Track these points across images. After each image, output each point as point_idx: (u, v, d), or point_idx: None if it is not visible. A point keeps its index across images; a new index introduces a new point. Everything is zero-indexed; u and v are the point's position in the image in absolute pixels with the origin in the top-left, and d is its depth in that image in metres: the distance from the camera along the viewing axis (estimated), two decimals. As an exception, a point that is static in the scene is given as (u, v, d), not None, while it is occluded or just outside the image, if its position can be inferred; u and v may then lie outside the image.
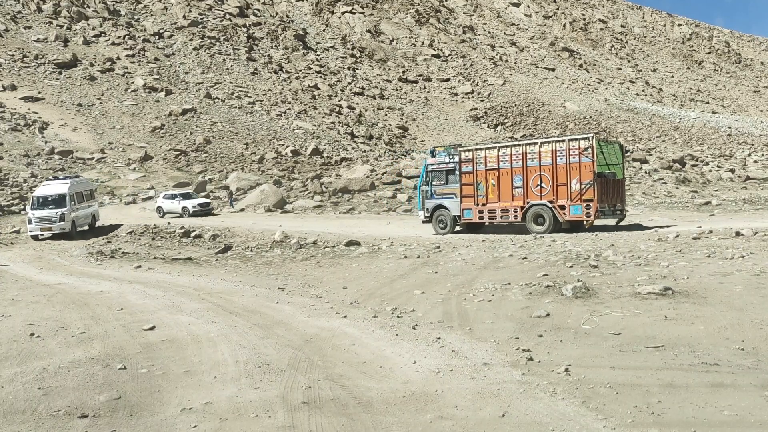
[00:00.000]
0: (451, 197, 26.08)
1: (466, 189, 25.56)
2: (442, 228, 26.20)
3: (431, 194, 26.82)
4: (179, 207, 39.09)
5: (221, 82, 73.03)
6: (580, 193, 22.81)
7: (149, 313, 13.48)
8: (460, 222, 25.98)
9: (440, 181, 26.60)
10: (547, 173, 23.58)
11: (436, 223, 26.53)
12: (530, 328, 10.60)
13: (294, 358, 9.78)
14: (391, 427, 7.03)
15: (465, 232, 25.92)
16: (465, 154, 25.83)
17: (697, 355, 8.55)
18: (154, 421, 7.52)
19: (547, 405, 7.27)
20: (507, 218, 24.71)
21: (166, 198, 40.64)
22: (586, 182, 22.63)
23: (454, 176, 26.09)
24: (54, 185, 33.21)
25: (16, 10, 75.22)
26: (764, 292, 11.37)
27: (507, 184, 24.52)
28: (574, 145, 23.10)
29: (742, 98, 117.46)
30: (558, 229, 23.29)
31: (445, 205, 26.27)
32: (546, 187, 23.58)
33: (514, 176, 24.39)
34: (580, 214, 22.99)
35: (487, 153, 25.27)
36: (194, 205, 39.12)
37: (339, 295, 15.20)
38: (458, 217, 25.89)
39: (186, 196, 40.73)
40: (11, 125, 54.65)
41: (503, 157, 24.67)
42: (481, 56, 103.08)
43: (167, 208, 39.71)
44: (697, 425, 6.48)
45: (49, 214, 31.12)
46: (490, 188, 24.88)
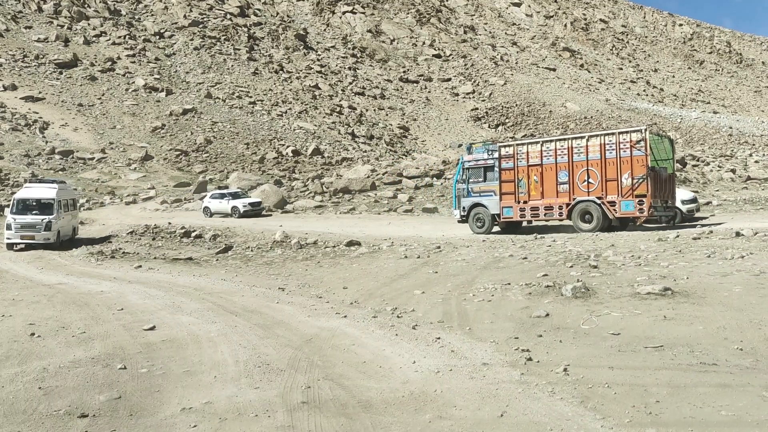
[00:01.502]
0: (490, 195, 25.25)
1: (506, 186, 24.77)
2: (480, 227, 25.38)
3: (468, 192, 25.98)
4: (228, 207, 37.25)
5: (222, 82, 73.06)
6: (632, 188, 21.95)
7: (149, 313, 13.50)
8: (499, 221, 25.20)
9: (478, 179, 25.77)
10: (595, 168, 22.77)
11: (474, 222, 25.70)
12: (530, 328, 10.62)
13: (294, 358, 9.80)
14: (390, 427, 7.04)
15: (505, 231, 25.19)
16: (505, 149, 25.05)
17: (696, 355, 8.57)
18: (153, 421, 7.54)
19: (546, 405, 7.29)
20: (551, 216, 23.96)
21: (214, 198, 38.67)
22: (639, 176, 21.77)
23: (493, 173, 25.28)
24: (40, 188, 29.24)
25: (16, 10, 75.27)
26: (763, 292, 11.38)
27: (551, 180, 23.74)
28: (624, 138, 22.25)
29: (744, 98, 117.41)
30: (607, 227, 22.51)
31: (483, 204, 25.43)
32: (594, 183, 22.79)
33: (558, 172, 23.61)
34: (632, 210, 22.14)
35: (529, 148, 24.41)
36: (245, 205, 37.10)
37: (339, 295, 15.22)
38: (497, 215, 25.07)
39: (235, 195, 38.69)
40: (12, 125, 54.70)
41: (547, 152, 23.87)
42: (482, 56, 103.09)
43: (215, 208, 37.87)
44: (695, 425, 6.50)
45: (33, 220, 27.28)
46: (532, 185, 24.13)
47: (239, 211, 36.68)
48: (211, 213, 37.79)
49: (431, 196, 39.76)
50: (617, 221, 22.73)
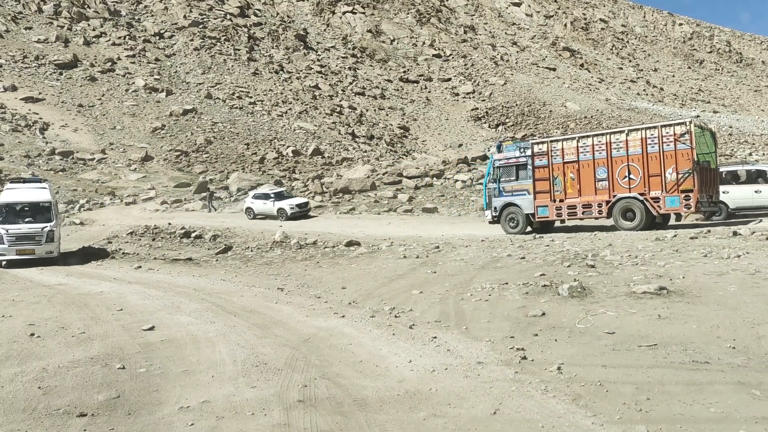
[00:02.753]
0: (523, 194, 24.64)
1: (541, 184, 24.13)
2: (513, 227, 24.79)
3: (499, 192, 25.31)
4: (274, 208, 35.42)
5: (222, 83, 73.15)
6: (677, 183, 21.29)
7: (149, 314, 13.58)
8: (534, 220, 24.57)
9: (510, 178, 25.12)
10: (637, 163, 22.06)
11: (506, 223, 25.07)
12: (525, 328, 10.69)
13: (291, 358, 9.88)
14: (385, 425, 7.13)
15: (539, 230, 24.59)
16: (538, 147, 24.36)
17: (689, 353, 8.64)
18: (151, 420, 7.62)
19: (538, 403, 7.37)
20: (589, 214, 23.26)
21: (257, 198, 36.76)
22: (685, 171, 21.10)
23: (526, 171, 24.63)
24: (30, 190, 24.77)
25: (16, 11, 75.39)
26: (758, 291, 11.44)
27: (589, 177, 23.10)
28: (668, 132, 21.55)
29: (744, 98, 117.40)
30: (651, 224, 21.89)
31: (516, 203, 24.82)
32: (635, 179, 22.07)
33: (596, 168, 22.93)
34: (677, 206, 21.49)
35: (564, 145, 23.75)
36: (292, 206, 35.37)
37: (338, 295, 15.30)
38: (531, 215, 24.46)
39: (280, 195, 36.70)
40: (12, 126, 54.82)
41: (583, 148, 23.21)
42: (482, 56, 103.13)
43: (259, 209, 36.06)
44: (684, 422, 6.58)
45: (31, 230, 22.88)
46: (568, 182, 23.46)
47: (286, 213, 35.04)
48: (255, 215, 36.10)
49: (431, 196, 39.85)
50: (661, 218, 22.21)
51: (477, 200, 37.03)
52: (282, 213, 34.97)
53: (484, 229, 26.80)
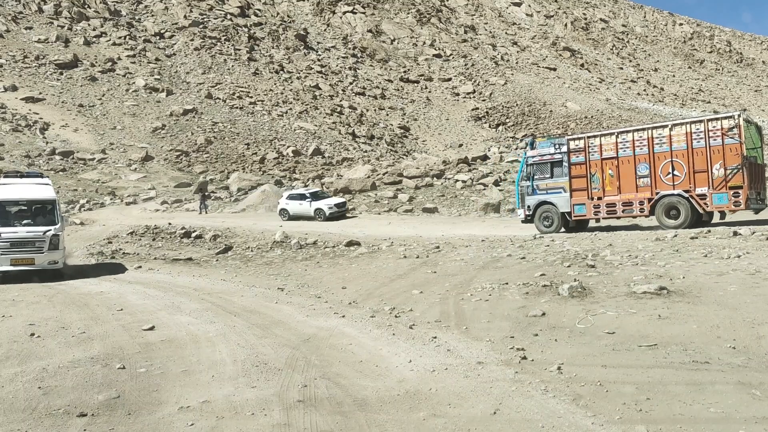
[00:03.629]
0: (559, 192, 23.87)
1: (578, 182, 23.37)
2: (548, 226, 24.01)
3: (533, 190, 24.57)
4: (311, 209, 34.04)
5: (222, 83, 73.13)
6: (726, 179, 20.41)
7: (149, 314, 13.59)
8: (570, 219, 23.76)
9: (544, 175, 24.33)
10: (681, 159, 21.22)
11: (540, 222, 24.28)
12: (526, 328, 10.70)
13: (291, 358, 9.89)
14: (385, 425, 7.13)
15: (575, 230, 23.87)
16: (575, 143, 23.66)
17: (689, 353, 8.65)
18: (151, 420, 7.62)
19: (538, 403, 7.38)
20: (630, 212, 22.45)
21: (293, 198, 35.31)
22: (733, 166, 20.24)
23: (562, 168, 23.84)
24: (28, 186, 20.82)
25: (17, 11, 75.36)
26: (758, 291, 11.45)
27: (629, 173, 22.28)
28: (714, 126, 20.74)
29: (744, 97, 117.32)
30: (698, 222, 21.10)
31: (551, 201, 24.00)
32: (680, 175, 21.25)
33: (637, 165, 22.11)
34: (725, 204, 20.64)
35: (602, 140, 22.99)
36: (330, 206, 33.99)
37: (338, 295, 15.31)
38: (567, 213, 23.70)
39: (316, 195, 35.36)
40: (12, 126, 54.81)
41: (623, 143, 22.41)
42: (482, 56, 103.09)
43: (294, 210, 34.60)
44: (683, 422, 6.59)
45: (30, 234, 19.00)
46: (607, 179, 22.68)
47: (324, 213, 33.70)
48: (290, 215, 34.62)
49: (431, 196, 39.81)
50: (708, 215, 21.51)
51: (477, 200, 36.99)
52: (320, 213, 33.82)
53: (484, 229, 26.79)
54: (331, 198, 35.90)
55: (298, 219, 34.12)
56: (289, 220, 34.07)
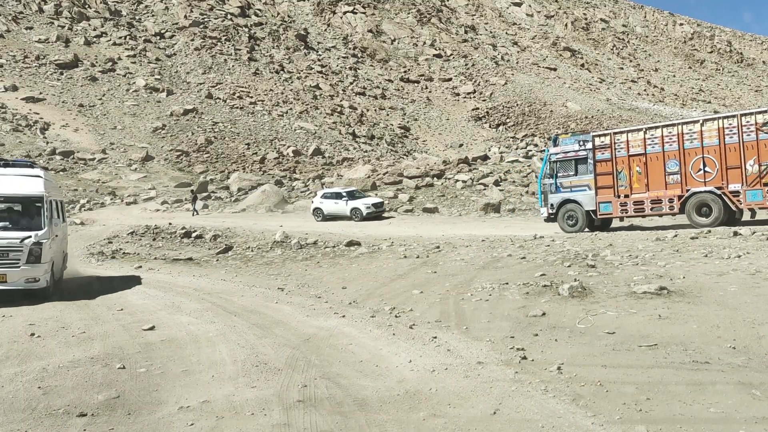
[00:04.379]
0: (583, 189, 23.38)
1: (603, 179, 22.89)
2: (572, 225, 23.54)
3: (556, 188, 24.08)
4: (347, 209, 33.24)
5: (223, 83, 73.18)
6: (760, 175, 19.86)
7: (149, 313, 13.58)
8: (596, 217, 23.28)
9: (568, 173, 23.87)
10: (713, 155, 20.67)
11: (564, 220, 23.82)
12: (526, 328, 10.69)
13: (291, 358, 9.88)
14: (385, 425, 7.12)
15: (599, 228, 23.44)
16: (600, 139, 23.14)
17: (689, 353, 8.64)
18: (151, 420, 7.61)
19: (538, 403, 7.37)
20: (659, 210, 21.93)
21: (327, 198, 34.54)
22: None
23: (586, 165, 23.38)
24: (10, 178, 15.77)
25: (17, 11, 75.42)
26: (758, 291, 11.44)
27: (657, 170, 21.76)
28: (748, 121, 20.15)
29: (744, 98, 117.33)
30: (730, 220, 20.52)
31: (576, 199, 23.51)
32: (711, 172, 20.71)
33: (666, 161, 21.58)
34: (760, 201, 20.05)
35: (629, 137, 22.50)
36: (368, 206, 33.15)
37: (338, 295, 15.30)
38: (593, 212, 23.21)
39: (352, 194, 34.55)
40: (13, 126, 54.86)
41: (651, 140, 21.90)
42: (482, 56, 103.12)
43: (329, 209, 33.83)
44: (683, 422, 6.58)
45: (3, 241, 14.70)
46: (634, 177, 22.18)
47: (361, 213, 32.88)
48: (324, 215, 33.86)
49: (432, 196, 39.82)
50: (740, 213, 21.03)
51: (477, 200, 36.97)
52: (357, 213, 32.97)
53: (485, 229, 26.79)
54: (367, 198, 35.05)
55: (333, 219, 33.42)
56: (324, 220, 33.35)
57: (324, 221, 32.87)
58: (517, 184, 40.66)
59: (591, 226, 23.56)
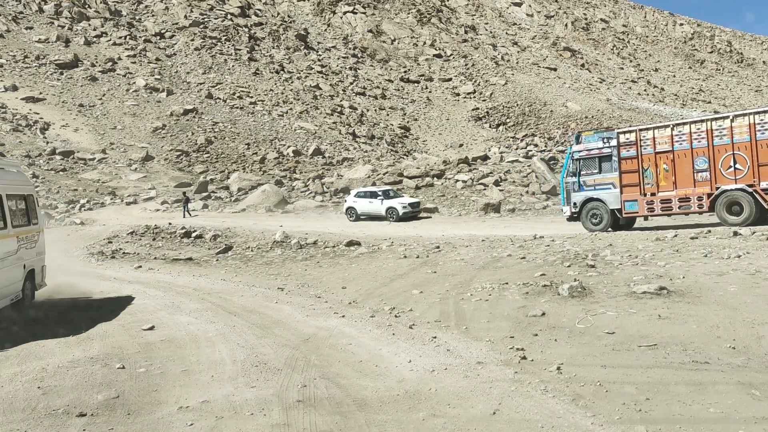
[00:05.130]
0: (608, 188, 23.01)
1: (629, 177, 22.50)
2: (596, 223, 23.19)
3: (579, 186, 23.73)
4: (382, 208, 32.43)
5: (223, 83, 73.15)
6: None
7: (149, 313, 13.59)
8: (621, 216, 22.97)
9: (591, 170, 23.51)
10: (744, 152, 20.23)
11: (588, 219, 23.46)
12: (525, 328, 10.69)
13: (291, 358, 9.88)
14: (385, 425, 7.12)
15: (623, 227, 23.25)
16: (625, 136, 22.75)
17: (689, 353, 8.64)
18: (151, 420, 7.61)
19: (538, 403, 7.37)
20: (687, 209, 21.53)
21: (361, 197, 33.65)
22: None
23: (610, 163, 23.01)
24: None
25: (17, 11, 75.39)
26: (758, 291, 11.45)
27: (685, 168, 21.34)
28: None
29: (744, 98, 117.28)
30: (762, 218, 20.01)
31: (600, 198, 23.18)
32: (742, 169, 20.27)
33: (695, 158, 21.15)
34: None
35: (656, 133, 22.06)
36: (404, 206, 32.29)
37: (338, 294, 15.30)
38: (618, 210, 22.86)
39: (387, 194, 33.65)
40: (13, 126, 54.84)
41: (679, 136, 21.44)
42: (482, 56, 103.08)
43: (363, 209, 33.01)
44: (683, 422, 6.58)
45: None
46: (661, 174, 21.79)
47: (397, 213, 31.89)
48: (358, 215, 33.03)
49: (432, 196, 39.84)
50: None
51: (477, 200, 36.96)
52: (392, 213, 32.08)
53: (484, 229, 26.80)
54: (403, 197, 34.16)
55: (367, 219, 32.76)
56: (357, 220, 32.64)
57: (357, 221, 32.15)
58: (517, 184, 40.68)
59: (615, 224, 23.28)
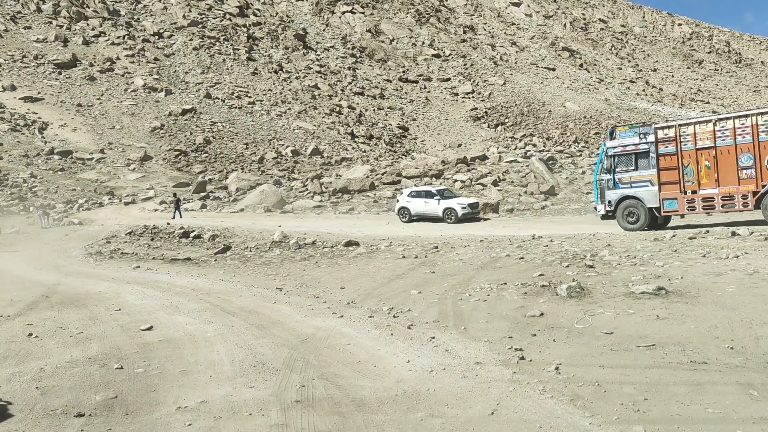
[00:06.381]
0: (645, 185, 22.20)
1: (668, 174, 21.66)
2: (633, 222, 22.41)
3: (614, 183, 22.94)
4: (439, 209, 30.13)
5: (221, 82, 73.09)
6: None
7: (147, 314, 13.57)
8: (660, 215, 22.20)
9: (627, 167, 22.68)
10: None
11: (624, 218, 22.67)
12: (524, 328, 10.69)
13: (289, 358, 9.88)
14: (383, 426, 7.12)
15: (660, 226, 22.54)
16: (664, 132, 21.88)
17: (687, 353, 8.64)
18: (149, 420, 7.61)
19: (536, 403, 7.37)
20: (731, 207, 20.80)
21: (415, 197, 31.39)
22: None
23: (648, 160, 22.18)
24: None
25: (15, 11, 75.32)
26: (756, 291, 11.45)
27: (729, 165, 20.52)
28: None
29: (743, 98, 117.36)
30: None
31: (637, 196, 22.35)
32: None
33: (739, 155, 20.34)
34: None
35: (697, 129, 21.21)
36: (464, 206, 29.97)
37: (336, 295, 15.29)
38: (656, 208, 22.05)
39: (443, 193, 31.34)
40: (11, 125, 54.79)
41: (722, 132, 20.61)
42: (481, 56, 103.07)
43: (417, 209, 30.79)
44: (681, 422, 6.58)
45: None
46: (702, 171, 20.98)
47: (456, 214, 29.63)
48: (411, 216, 30.88)
49: (430, 196, 39.77)
50: None
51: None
52: (450, 214, 29.82)
53: (483, 229, 26.77)
54: (461, 197, 32.47)
55: (421, 220, 30.88)
56: (410, 221, 30.75)
57: (410, 222, 30.35)
58: (516, 184, 40.68)
59: (652, 223, 22.58)
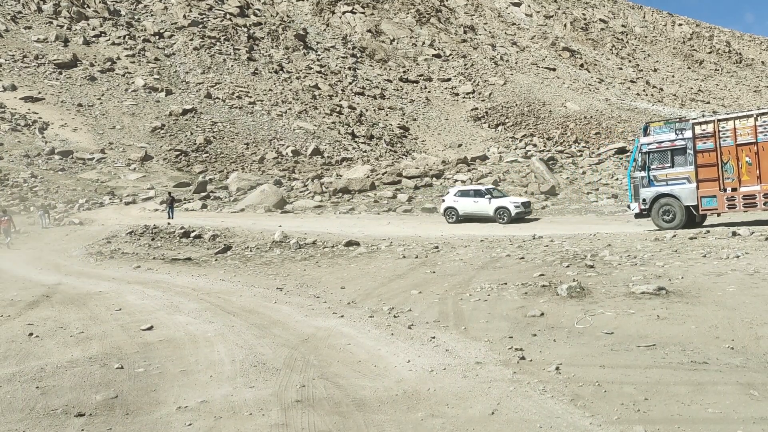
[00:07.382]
0: (682, 182, 21.66)
1: (706, 171, 21.04)
2: (669, 221, 21.87)
3: (649, 181, 22.38)
4: (490, 208, 28.63)
5: (222, 82, 73.09)
6: None
7: (147, 313, 13.57)
8: (697, 213, 21.65)
9: (663, 164, 22.10)
10: None
11: (659, 216, 22.13)
12: (524, 328, 10.69)
13: (290, 358, 9.87)
14: (383, 425, 7.12)
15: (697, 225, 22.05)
16: (701, 127, 21.29)
17: (687, 353, 8.64)
18: (149, 420, 7.61)
19: (536, 403, 7.37)
20: None
21: (463, 196, 29.84)
22: None
23: (685, 156, 21.62)
24: None
25: (16, 11, 75.34)
26: (757, 291, 11.45)
27: None
28: None
29: (743, 98, 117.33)
30: None
31: (673, 193, 21.81)
32: None
33: None
34: None
35: (737, 124, 20.62)
36: (516, 205, 28.60)
37: (337, 295, 15.28)
38: (694, 207, 21.50)
39: (492, 192, 29.80)
40: (11, 125, 54.80)
41: (764, 127, 19.99)
42: (481, 56, 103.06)
43: (465, 209, 29.26)
44: (681, 422, 6.58)
45: None
46: (743, 168, 20.42)
47: (509, 213, 28.17)
48: (459, 216, 29.35)
49: (431, 196, 39.81)
50: None
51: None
52: (503, 214, 28.34)
53: (483, 229, 26.76)
54: (512, 195, 31.40)
55: (470, 220, 29.26)
56: (458, 222, 29.21)
57: (458, 223, 28.75)
58: (516, 184, 40.67)
59: (689, 222, 22.04)
